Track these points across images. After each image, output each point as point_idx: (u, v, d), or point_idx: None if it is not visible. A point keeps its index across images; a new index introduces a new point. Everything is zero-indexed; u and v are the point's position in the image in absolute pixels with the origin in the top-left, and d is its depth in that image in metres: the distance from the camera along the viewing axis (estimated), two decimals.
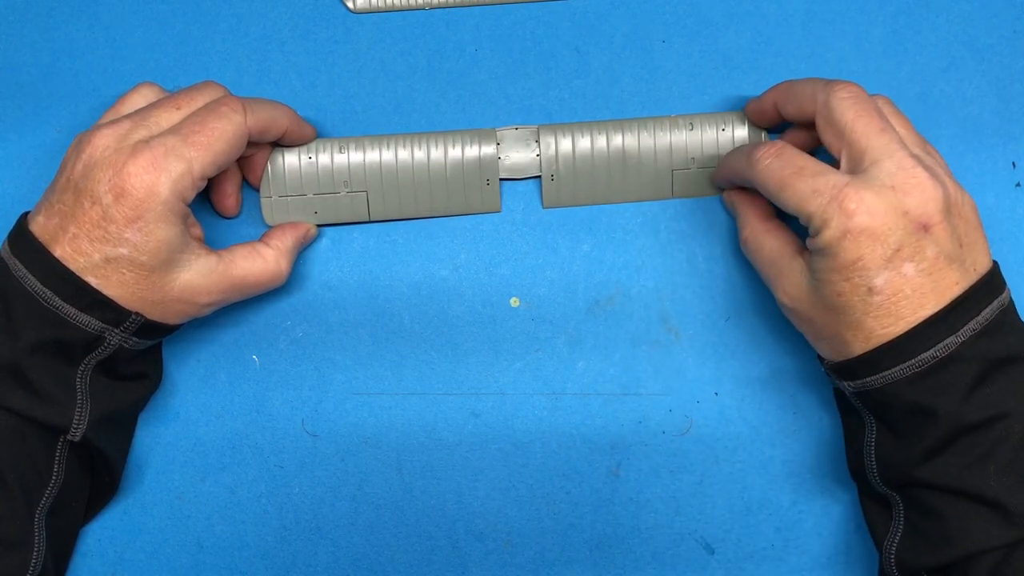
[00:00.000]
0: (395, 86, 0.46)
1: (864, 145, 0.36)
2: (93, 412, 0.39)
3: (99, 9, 0.47)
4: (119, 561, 0.44)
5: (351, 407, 0.45)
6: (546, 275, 0.45)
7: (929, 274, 0.35)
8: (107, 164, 0.36)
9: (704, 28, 0.46)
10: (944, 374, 0.35)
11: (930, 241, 0.35)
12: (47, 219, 0.37)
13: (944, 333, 0.35)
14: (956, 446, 0.36)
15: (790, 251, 0.40)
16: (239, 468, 0.45)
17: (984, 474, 0.35)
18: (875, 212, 0.34)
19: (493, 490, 0.44)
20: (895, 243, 0.35)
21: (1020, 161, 0.45)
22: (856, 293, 0.35)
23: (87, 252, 0.37)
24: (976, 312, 0.35)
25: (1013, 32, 0.46)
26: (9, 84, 0.46)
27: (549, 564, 0.44)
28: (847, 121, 0.37)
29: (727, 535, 0.44)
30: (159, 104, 0.39)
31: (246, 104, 0.40)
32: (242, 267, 0.41)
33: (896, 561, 0.38)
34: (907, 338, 0.35)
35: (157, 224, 0.37)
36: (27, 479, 0.39)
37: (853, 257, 0.35)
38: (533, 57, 0.46)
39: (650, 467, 0.44)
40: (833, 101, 0.37)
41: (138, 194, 0.36)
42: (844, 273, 0.35)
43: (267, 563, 0.44)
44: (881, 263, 0.35)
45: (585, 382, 0.45)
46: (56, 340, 0.37)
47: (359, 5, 0.47)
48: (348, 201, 0.44)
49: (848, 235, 0.35)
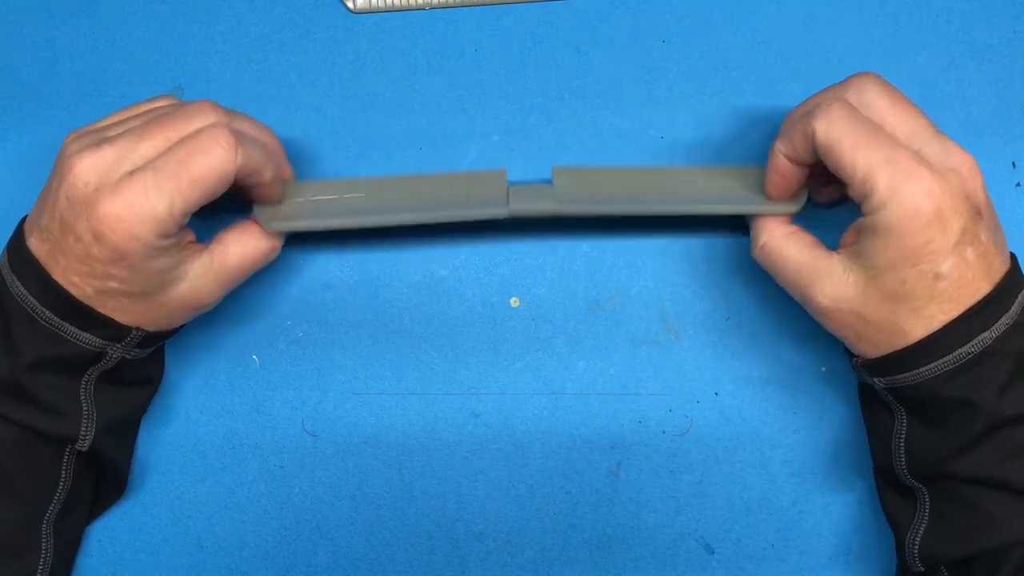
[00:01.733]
0: (395, 86, 0.46)
1: (913, 125, 0.36)
2: (100, 420, 0.39)
3: (99, 9, 0.47)
4: (119, 561, 0.44)
5: (351, 407, 0.45)
6: (546, 275, 0.45)
7: (984, 258, 0.35)
8: (86, 203, 0.35)
9: (704, 28, 0.46)
10: (981, 369, 0.35)
11: (983, 225, 0.35)
12: (40, 242, 0.36)
13: (979, 329, 0.35)
14: (993, 439, 0.35)
15: (821, 252, 0.38)
16: (239, 468, 0.45)
17: (1019, 467, 0.35)
18: (946, 194, 0.34)
19: (493, 490, 0.44)
20: (960, 227, 0.34)
21: (1020, 161, 0.45)
22: (923, 279, 0.35)
23: (78, 284, 0.36)
24: (1008, 307, 0.35)
25: (1013, 32, 0.46)
26: (9, 84, 0.46)
27: (549, 564, 0.44)
28: (889, 107, 0.36)
29: (727, 535, 0.44)
30: (147, 132, 0.36)
31: (240, 143, 0.37)
32: (236, 254, 0.40)
33: (920, 552, 0.38)
34: (942, 334, 0.35)
35: (142, 261, 0.36)
36: (36, 487, 0.39)
37: (923, 240, 0.34)
38: (533, 57, 0.46)
39: (650, 467, 0.44)
40: (867, 94, 0.37)
41: (116, 239, 0.35)
42: (912, 259, 0.34)
43: (267, 563, 0.44)
44: (949, 248, 0.34)
45: (585, 382, 0.45)
46: (57, 357, 0.37)
47: (359, 5, 0.47)
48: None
49: (919, 216, 0.34)
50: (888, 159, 0.34)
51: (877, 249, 0.35)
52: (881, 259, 0.35)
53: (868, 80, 0.37)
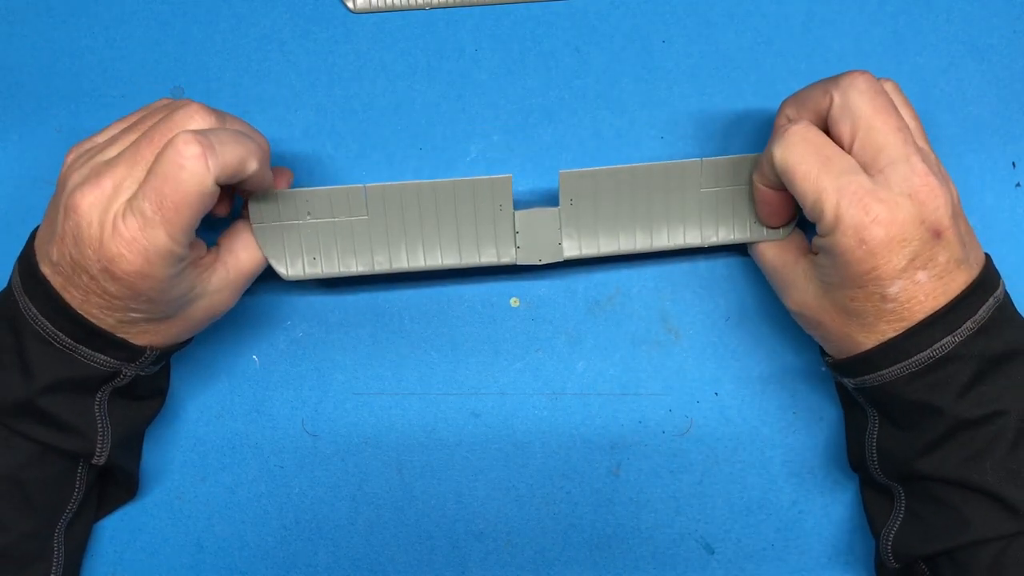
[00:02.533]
0: (395, 86, 0.46)
1: (882, 142, 0.35)
2: (115, 435, 0.39)
3: (99, 9, 0.47)
4: (119, 561, 0.44)
5: (351, 407, 0.45)
6: (546, 275, 0.45)
7: (940, 278, 0.35)
8: (93, 243, 0.35)
9: (704, 28, 0.46)
10: (942, 372, 0.36)
11: (942, 247, 0.35)
12: (54, 273, 0.36)
13: (941, 333, 0.35)
14: (954, 441, 0.36)
15: (791, 258, 0.40)
16: (239, 468, 0.45)
17: (981, 468, 0.36)
18: (895, 223, 0.34)
19: (493, 490, 0.44)
20: (910, 253, 0.35)
21: (1020, 161, 0.45)
22: (869, 300, 0.35)
23: (100, 317, 0.36)
24: (974, 311, 0.36)
25: (1013, 32, 0.46)
26: (9, 84, 0.46)
27: (549, 564, 0.44)
28: (865, 116, 0.36)
29: (727, 535, 0.44)
30: (140, 151, 0.35)
31: (209, 145, 0.34)
32: (247, 259, 0.40)
33: (892, 548, 0.39)
34: (904, 338, 0.36)
35: (160, 294, 0.36)
36: (51, 498, 0.39)
37: (867, 267, 0.35)
38: (533, 57, 0.46)
39: (650, 467, 0.44)
40: (851, 94, 0.36)
41: (129, 278, 0.35)
42: (858, 282, 0.35)
43: (267, 563, 0.44)
44: (895, 273, 0.35)
45: (585, 382, 0.45)
46: (71, 378, 0.37)
47: (359, 5, 0.47)
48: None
49: (863, 244, 0.34)
50: (837, 188, 0.35)
51: (828, 268, 0.37)
52: (832, 278, 0.36)
53: (857, 81, 0.37)
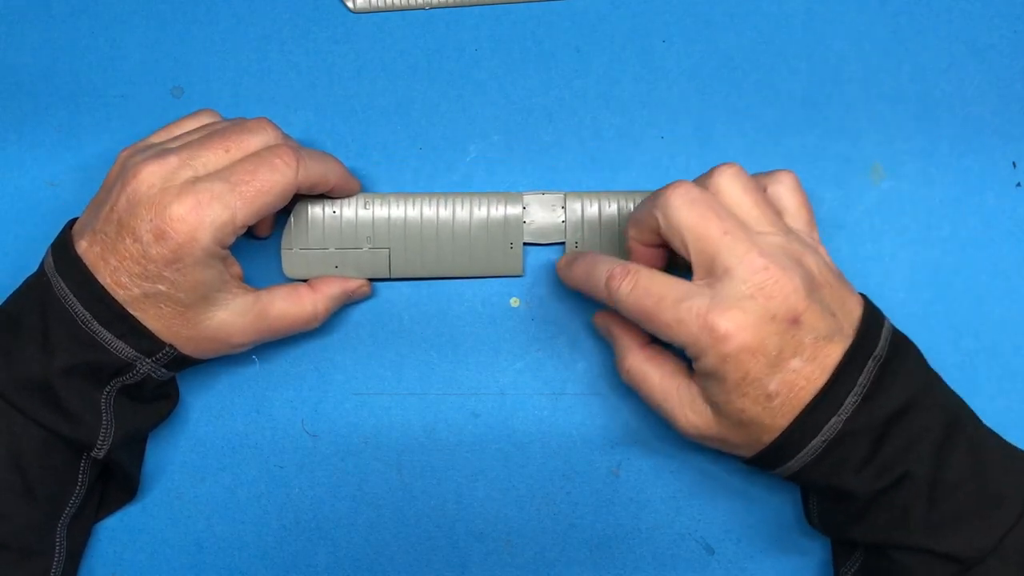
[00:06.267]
0: (395, 86, 0.46)
1: (712, 251, 0.35)
2: (117, 433, 0.39)
3: (99, 9, 0.47)
4: (119, 561, 0.44)
5: (351, 407, 0.45)
6: (546, 275, 0.45)
7: (814, 359, 0.35)
8: (151, 203, 0.36)
9: (704, 28, 0.46)
10: (839, 452, 0.35)
11: (804, 331, 0.35)
12: (90, 245, 0.37)
13: (825, 416, 0.35)
14: (876, 508, 0.36)
15: (681, 379, 0.39)
16: (239, 468, 0.45)
17: (907, 529, 0.35)
18: (745, 329, 0.34)
19: (493, 490, 0.44)
20: (774, 348, 0.34)
21: (1020, 161, 0.45)
22: (757, 404, 0.35)
23: (126, 286, 0.37)
24: (852, 383, 0.35)
25: (1013, 32, 0.46)
26: (9, 84, 0.46)
27: (549, 564, 0.44)
28: (690, 227, 0.36)
29: (727, 535, 0.44)
30: (209, 143, 0.38)
31: (300, 158, 0.39)
32: (279, 307, 0.41)
33: None
34: (793, 429, 0.35)
35: (195, 267, 0.37)
36: (53, 490, 0.40)
37: (740, 375, 0.35)
38: (533, 57, 0.46)
39: (650, 467, 0.44)
40: (670, 212, 0.36)
41: (179, 238, 0.36)
42: (738, 391, 0.35)
43: (267, 563, 0.44)
44: (768, 370, 0.35)
45: (585, 382, 0.45)
46: (87, 363, 0.37)
47: (359, 5, 0.47)
48: (370, 257, 0.44)
49: (728, 359, 0.34)
50: (677, 320, 0.35)
51: (709, 389, 0.36)
52: (716, 397, 0.36)
53: (671, 198, 0.36)
